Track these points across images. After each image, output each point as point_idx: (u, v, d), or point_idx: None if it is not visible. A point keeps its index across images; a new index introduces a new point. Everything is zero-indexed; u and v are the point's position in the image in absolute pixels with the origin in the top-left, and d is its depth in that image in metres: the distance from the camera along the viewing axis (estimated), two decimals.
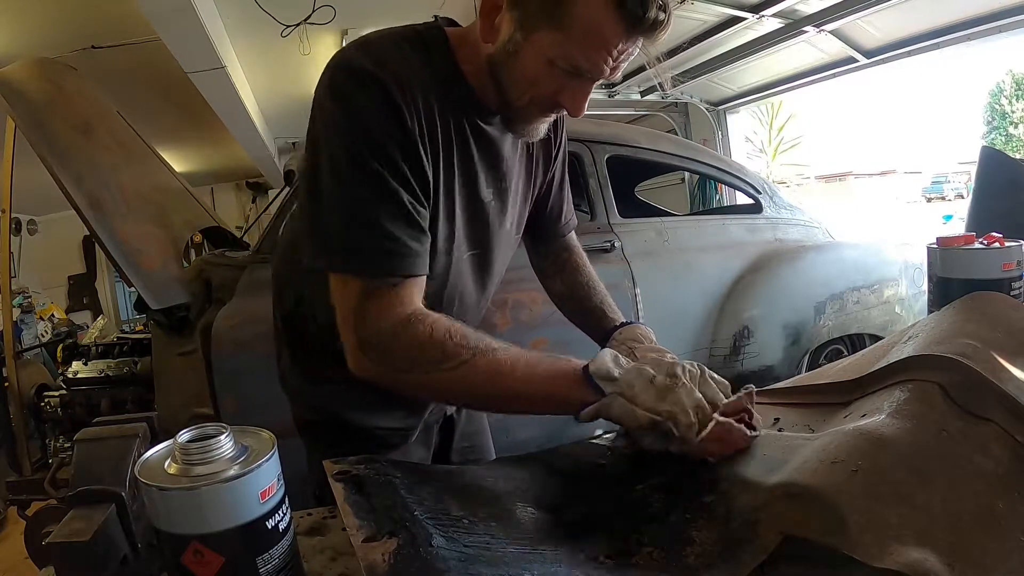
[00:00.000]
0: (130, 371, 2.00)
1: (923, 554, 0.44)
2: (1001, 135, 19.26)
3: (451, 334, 0.69)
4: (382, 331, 0.68)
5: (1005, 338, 0.72)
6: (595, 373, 0.66)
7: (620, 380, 0.66)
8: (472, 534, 0.53)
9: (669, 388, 0.65)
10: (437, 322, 0.69)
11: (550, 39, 0.68)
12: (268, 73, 4.30)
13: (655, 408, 0.64)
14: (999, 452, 0.54)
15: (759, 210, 2.53)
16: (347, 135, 0.70)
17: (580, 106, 0.74)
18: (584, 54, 0.68)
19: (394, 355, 0.69)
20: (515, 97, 0.74)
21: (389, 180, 0.70)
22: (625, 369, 0.67)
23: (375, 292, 0.69)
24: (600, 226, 2.15)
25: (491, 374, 0.68)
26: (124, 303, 8.30)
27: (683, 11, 3.79)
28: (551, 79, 0.71)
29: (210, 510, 0.43)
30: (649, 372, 0.67)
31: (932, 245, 0.95)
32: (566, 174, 1.03)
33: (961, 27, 3.76)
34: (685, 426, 0.63)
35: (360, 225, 0.69)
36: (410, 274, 0.70)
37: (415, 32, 0.78)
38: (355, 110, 0.70)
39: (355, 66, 0.70)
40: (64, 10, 3.03)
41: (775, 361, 2.22)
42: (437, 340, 0.68)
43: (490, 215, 0.85)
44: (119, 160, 1.97)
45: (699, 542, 0.52)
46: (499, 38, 0.72)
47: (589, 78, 0.71)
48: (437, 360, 0.68)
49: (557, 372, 0.69)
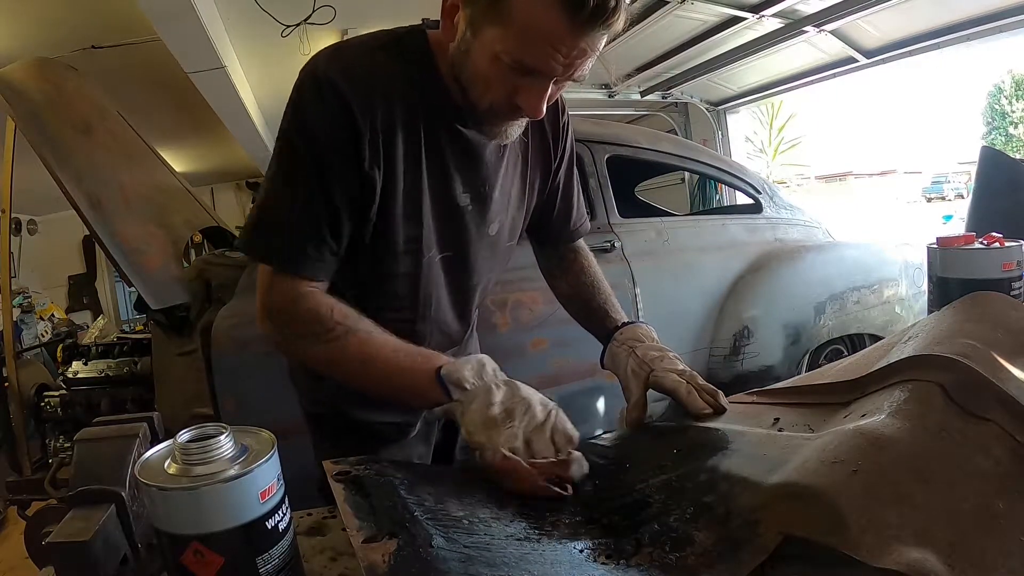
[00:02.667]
0: (130, 371, 2.00)
1: (923, 554, 0.44)
2: (1001, 135, 19.26)
3: (332, 310, 0.76)
4: (277, 303, 0.77)
5: (1005, 338, 0.72)
6: (446, 376, 0.71)
7: (469, 392, 0.70)
8: (472, 534, 0.53)
9: (496, 424, 0.67)
10: (324, 299, 0.77)
11: (493, 34, 0.66)
12: (268, 73, 4.30)
13: (472, 436, 0.68)
14: (999, 452, 0.54)
15: (759, 210, 2.53)
16: (295, 136, 0.75)
17: (536, 107, 0.71)
18: (528, 49, 0.66)
19: (286, 324, 0.78)
20: (475, 98, 0.74)
21: (316, 189, 0.75)
22: (478, 385, 0.70)
23: (280, 277, 0.77)
24: (600, 226, 2.14)
25: (360, 354, 0.75)
26: (124, 303, 8.29)
27: (683, 11, 3.79)
28: (503, 79, 0.70)
29: (210, 510, 0.43)
30: (494, 398, 0.68)
31: (932, 245, 0.95)
32: (574, 181, 1.03)
33: (961, 27, 3.76)
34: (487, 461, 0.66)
35: (277, 222, 0.77)
36: (307, 277, 0.77)
37: (396, 38, 0.79)
38: (309, 115, 0.74)
39: (319, 73, 0.74)
40: (64, 10, 3.03)
41: (775, 361, 2.21)
42: (320, 314, 0.75)
43: (466, 218, 0.86)
44: (119, 160, 1.97)
45: (699, 542, 0.52)
46: (456, 38, 0.72)
47: (541, 76, 0.68)
48: (317, 333, 0.75)
49: (416, 367, 0.74)
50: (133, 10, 2.68)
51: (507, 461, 0.65)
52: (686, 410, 0.79)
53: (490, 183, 0.86)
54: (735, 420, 0.76)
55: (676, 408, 0.82)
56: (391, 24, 0.81)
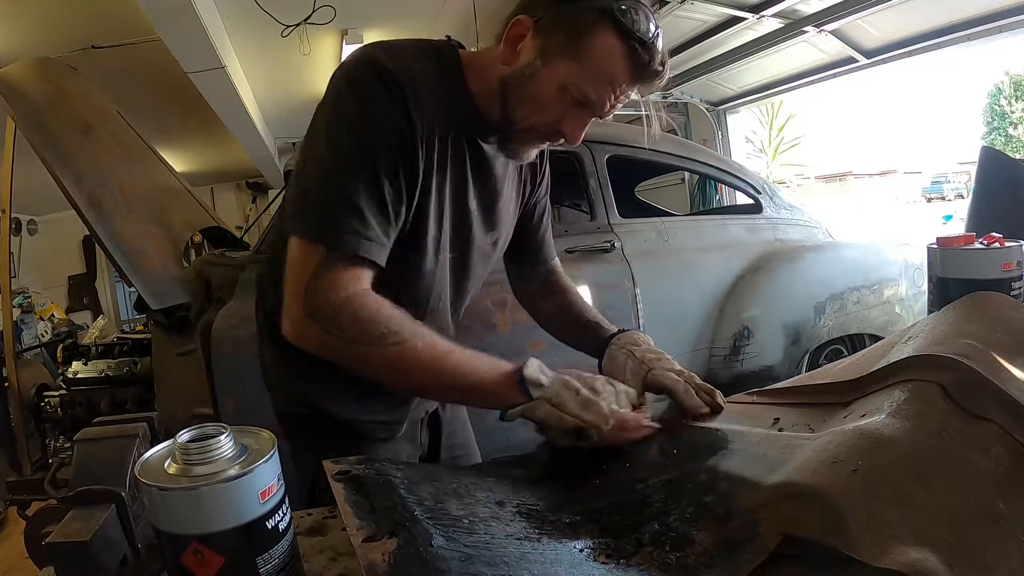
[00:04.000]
0: (130, 371, 2.00)
1: (923, 554, 0.44)
2: (1001, 135, 19.26)
3: (395, 314, 0.74)
4: (332, 300, 0.72)
5: (1005, 338, 0.72)
6: (528, 377, 0.74)
7: (547, 388, 0.74)
8: (472, 534, 0.53)
9: (592, 401, 0.74)
10: (383, 302, 0.75)
11: (567, 68, 0.76)
12: (268, 73, 4.31)
13: (581, 416, 0.72)
14: (999, 452, 0.54)
15: (759, 210, 2.53)
16: (357, 122, 0.75)
17: (578, 135, 0.82)
18: (594, 86, 0.77)
19: (341, 324, 0.72)
20: (520, 118, 0.81)
21: (381, 172, 0.75)
22: (551, 378, 0.75)
23: (334, 265, 0.73)
24: (600, 226, 2.14)
25: (429, 356, 0.74)
26: (124, 303, 8.29)
27: (683, 11, 3.79)
28: (559, 105, 0.79)
29: (210, 510, 0.43)
30: (574, 384, 0.75)
31: (932, 245, 0.95)
32: (549, 203, 1.10)
33: (961, 27, 3.75)
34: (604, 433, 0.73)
35: (341, 202, 0.74)
36: (370, 259, 0.75)
37: (435, 48, 0.85)
38: (370, 103, 0.75)
39: (379, 65, 0.76)
40: (64, 10, 3.03)
41: (775, 361, 2.21)
42: (383, 316, 0.73)
43: (473, 223, 0.90)
44: (119, 160, 1.97)
45: (699, 542, 0.52)
46: (518, 62, 0.79)
47: (590, 110, 0.80)
48: (380, 335, 0.72)
49: (490, 368, 0.75)
50: (133, 10, 2.69)
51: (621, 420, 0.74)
52: (683, 408, 0.81)
53: (496, 194, 0.92)
54: (735, 420, 0.76)
55: (674, 407, 0.83)
56: (391, 24, 0.83)
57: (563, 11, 0.76)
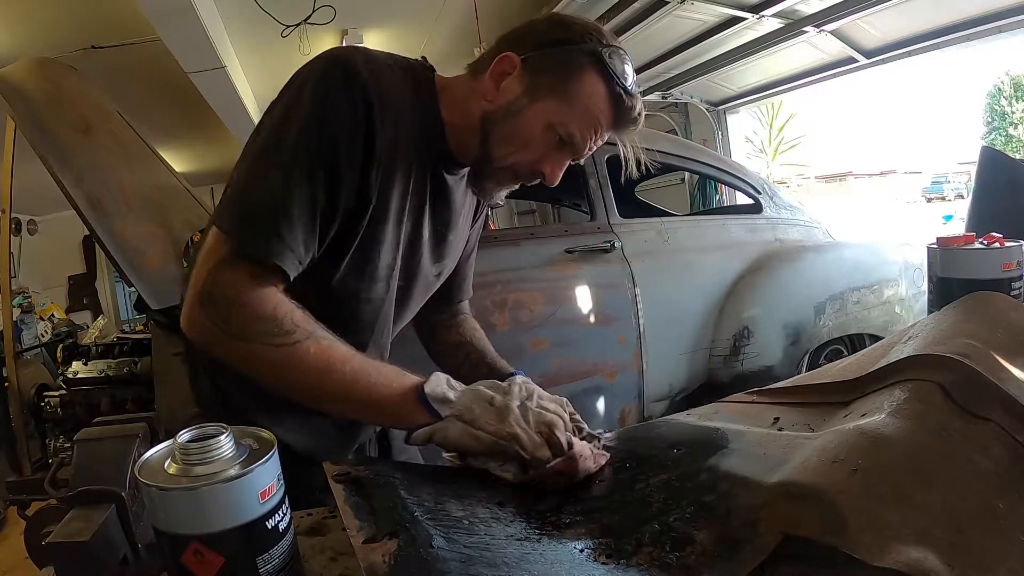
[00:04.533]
0: (130, 371, 2.00)
1: (923, 553, 0.44)
2: (1001, 136, 19.24)
3: (292, 314, 0.68)
4: (228, 294, 0.67)
5: (1005, 338, 0.72)
6: (431, 395, 0.65)
7: (456, 402, 0.66)
8: (472, 534, 0.53)
9: (506, 410, 0.65)
10: (283, 300, 0.69)
11: (555, 107, 0.77)
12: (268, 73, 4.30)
13: (498, 431, 0.64)
14: (999, 452, 0.54)
15: (759, 210, 2.53)
16: (308, 119, 0.70)
17: (557, 176, 0.82)
18: (579, 126, 0.78)
19: (230, 318, 0.67)
20: (500, 156, 0.80)
21: (320, 182, 0.70)
22: (460, 391, 0.67)
23: (241, 262, 0.68)
24: (600, 226, 2.14)
25: (321, 363, 0.67)
26: (124, 303, 8.28)
27: (683, 11, 3.79)
28: (541, 145, 0.79)
29: (210, 510, 0.43)
30: (487, 393, 0.67)
31: (932, 245, 0.95)
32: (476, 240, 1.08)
33: (961, 27, 3.75)
34: (533, 446, 0.63)
35: (269, 200, 0.69)
36: (283, 268, 0.69)
37: (410, 66, 0.82)
38: (330, 104, 0.70)
39: (350, 68, 0.71)
40: (64, 10, 3.03)
41: (775, 361, 2.21)
42: (277, 315, 0.67)
43: (423, 253, 0.87)
44: (119, 160, 1.97)
45: (699, 542, 0.52)
46: (503, 98, 0.78)
47: (570, 151, 0.80)
48: (270, 333, 0.66)
49: (390, 382, 0.67)
50: (133, 10, 2.69)
51: (577, 449, 0.65)
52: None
53: (450, 226, 0.90)
54: (735, 420, 0.76)
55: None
56: (391, 24, 0.83)
57: (553, 52, 0.77)
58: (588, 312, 2.01)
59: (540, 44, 0.78)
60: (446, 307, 1.06)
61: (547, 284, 1.94)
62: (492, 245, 1.95)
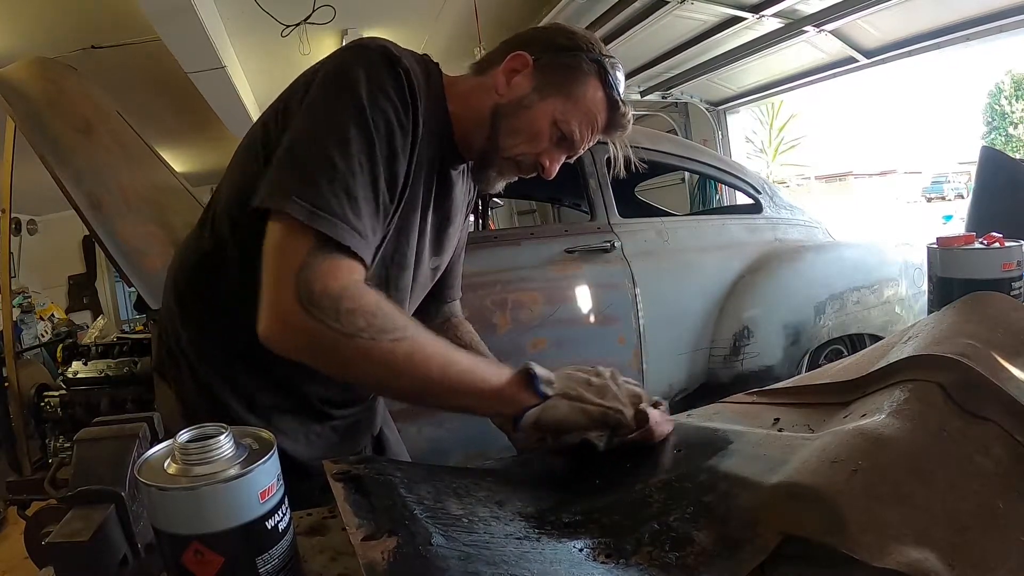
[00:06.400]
0: (130, 371, 1.99)
1: (923, 554, 0.44)
2: (1001, 135, 19.26)
3: (395, 309, 0.68)
4: (331, 288, 0.64)
5: (1005, 338, 0.72)
6: (541, 375, 0.71)
7: (558, 383, 0.72)
8: (472, 533, 0.53)
9: (606, 387, 0.73)
10: (382, 296, 0.68)
11: (562, 105, 0.83)
12: (268, 73, 4.30)
13: (603, 404, 0.72)
14: (999, 452, 0.54)
15: (759, 210, 2.53)
16: (364, 109, 0.70)
17: (554, 170, 0.87)
18: (579, 125, 0.84)
19: (339, 314, 0.63)
20: (507, 146, 0.84)
21: (382, 170, 0.71)
22: (556, 375, 0.73)
23: (327, 253, 0.65)
24: (600, 226, 2.15)
25: (436, 352, 0.67)
26: (124, 303, 8.28)
27: (683, 11, 3.79)
28: (545, 139, 0.84)
29: (210, 510, 0.43)
30: (581, 376, 0.74)
31: (932, 245, 0.95)
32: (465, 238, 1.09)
33: (961, 27, 3.75)
34: (630, 417, 0.72)
35: (344, 191, 0.67)
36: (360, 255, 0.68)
37: (422, 58, 0.85)
38: (382, 88, 0.71)
39: (388, 53, 0.73)
40: (64, 10, 3.03)
41: (775, 361, 2.21)
42: (386, 309, 0.66)
43: (425, 247, 0.89)
44: (119, 160, 1.97)
45: (699, 542, 0.52)
46: (514, 93, 0.83)
47: (567, 147, 0.86)
48: (383, 328, 0.65)
49: (497, 371, 0.71)
50: (133, 10, 2.69)
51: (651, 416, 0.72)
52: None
53: (449, 220, 0.93)
54: (735, 420, 0.76)
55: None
56: (391, 24, 0.83)
57: (563, 56, 0.84)
58: (588, 312, 2.01)
59: (549, 48, 0.84)
60: (438, 308, 1.06)
61: (547, 284, 1.95)
62: (492, 245, 1.95)
